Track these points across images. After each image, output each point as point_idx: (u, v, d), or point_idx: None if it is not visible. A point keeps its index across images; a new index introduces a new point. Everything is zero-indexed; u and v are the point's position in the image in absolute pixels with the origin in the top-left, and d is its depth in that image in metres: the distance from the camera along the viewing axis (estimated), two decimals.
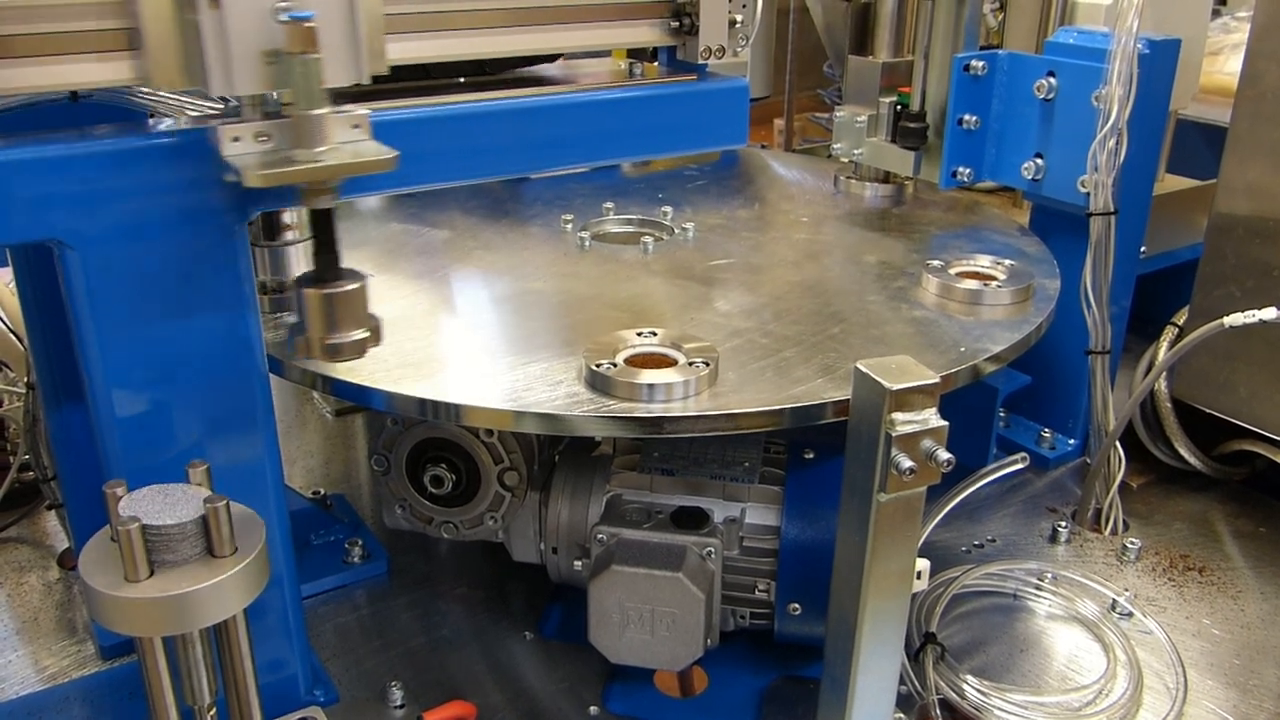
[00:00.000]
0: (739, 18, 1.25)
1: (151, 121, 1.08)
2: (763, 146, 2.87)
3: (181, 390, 1.09)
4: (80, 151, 0.98)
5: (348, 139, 0.99)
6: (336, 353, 1.06)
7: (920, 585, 1.11)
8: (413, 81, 1.16)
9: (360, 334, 1.07)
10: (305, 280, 1.06)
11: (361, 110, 1.00)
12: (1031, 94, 1.70)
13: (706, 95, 1.27)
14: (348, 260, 1.45)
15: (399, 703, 1.35)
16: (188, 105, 1.14)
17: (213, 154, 1.00)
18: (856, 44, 1.94)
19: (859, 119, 1.93)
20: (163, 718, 1.00)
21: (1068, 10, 1.90)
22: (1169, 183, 2.15)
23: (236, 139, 0.99)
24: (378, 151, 0.98)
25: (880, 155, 1.92)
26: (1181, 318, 1.78)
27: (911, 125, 1.84)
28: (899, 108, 1.88)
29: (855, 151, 1.95)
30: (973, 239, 1.76)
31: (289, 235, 1.39)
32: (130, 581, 0.92)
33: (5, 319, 1.62)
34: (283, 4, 0.93)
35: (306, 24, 0.92)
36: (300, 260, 1.41)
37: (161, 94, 1.15)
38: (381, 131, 1.03)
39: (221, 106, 1.10)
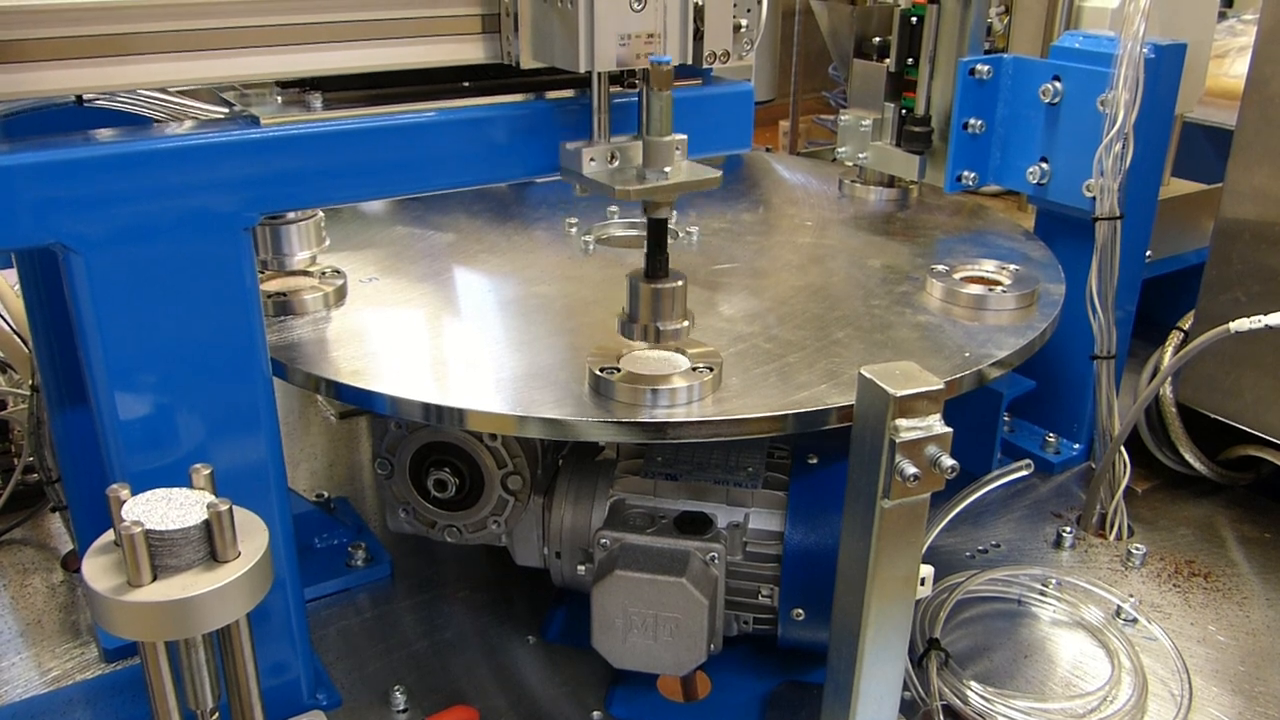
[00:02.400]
0: (744, 22, 1.25)
1: (156, 126, 1.08)
2: (767, 150, 2.86)
3: (185, 394, 1.09)
4: (84, 156, 0.98)
5: (678, 159, 1.17)
6: (662, 337, 1.24)
7: (924, 591, 1.11)
8: (416, 86, 1.16)
9: (681, 323, 1.25)
10: (639, 276, 1.24)
11: (681, 137, 1.17)
12: (1037, 98, 1.70)
13: (711, 100, 1.27)
14: (353, 263, 1.45)
15: (402, 707, 1.35)
16: (189, 109, 1.14)
17: (566, 171, 1.18)
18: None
19: (864, 123, 1.93)
20: None
21: (1073, 14, 1.89)
22: (1175, 187, 2.14)
23: (593, 160, 1.17)
24: (704, 171, 1.18)
25: (885, 159, 1.92)
26: (1187, 322, 1.78)
27: (916, 129, 1.84)
28: (904, 112, 1.88)
29: (860, 155, 1.95)
30: (978, 243, 1.76)
31: (289, 214, 1.39)
32: (133, 586, 0.92)
33: (10, 321, 1.63)
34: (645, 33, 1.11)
35: (665, 67, 1.09)
36: (300, 239, 1.42)
37: (164, 98, 1.15)
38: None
39: (225, 112, 1.11)
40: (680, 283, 1.23)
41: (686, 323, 1.25)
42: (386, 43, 1.10)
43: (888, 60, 1.88)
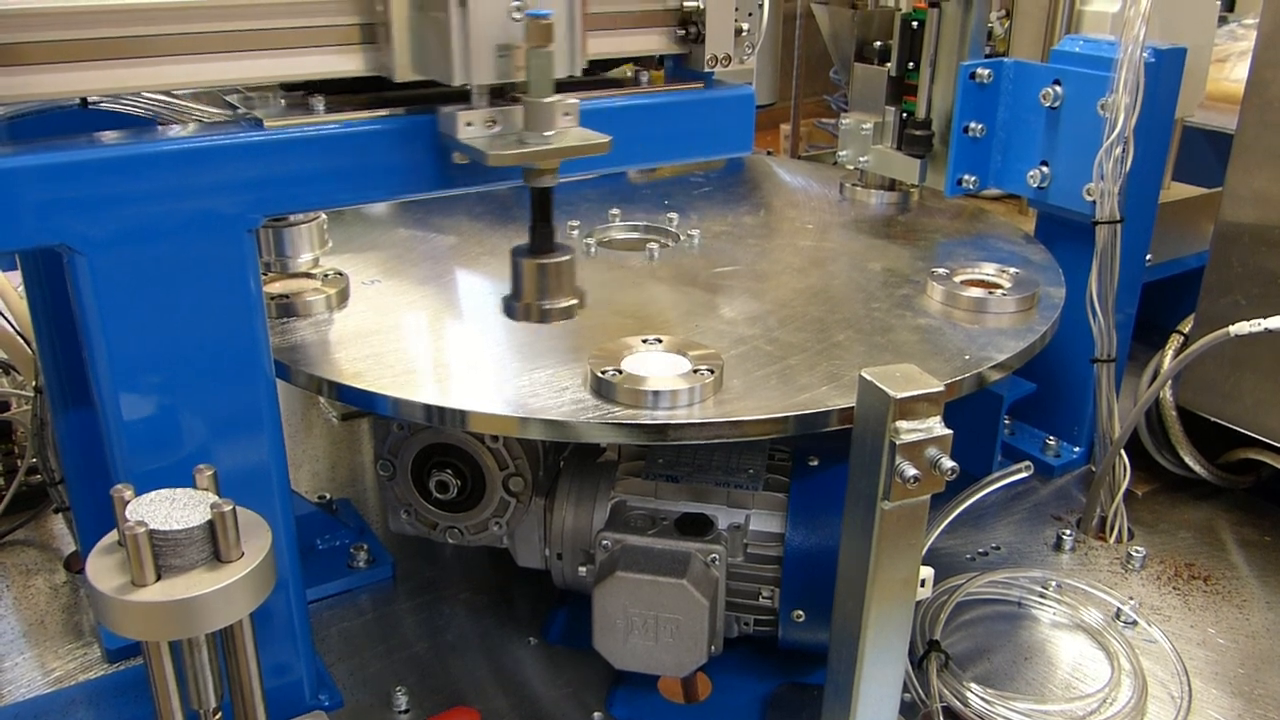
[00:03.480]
0: (745, 26, 1.26)
1: (160, 128, 1.08)
2: (768, 153, 2.87)
3: (189, 395, 1.10)
4: (89, 157, 0.99)
5: (564, 125, 1.08)
6: (549, 316, 1.16)
7: (924, 593, 1.11)
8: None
9: (569, 301, 1.17)
10: (522, 251, 1.15)
11: (573, 99, 1.08)
12: (1037, 102, 1.70)
13: (713, 103, 1.28)
14: (355, 265, 1.45)
15: (404, 707, 1.35)
16: (193, 111, 1.14)
17: (437, 139, 1.10)
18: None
19: (865, 126, 1.93)
20: None
21: (1074, 18, 1.90)
22: (1175, 190, 2.14)
23: (470, 124, 1.07)
24: (592, 137, 1.08)
25: (886, 163, 1.93)
26: (1187, 326, 1.78)
27: (917, 133, 1.84)
28: (905, 116, 1.88)
29: (861, 159, 1.95)
30: (978, 247, 1.76)
31: (292, 217, 1.40)
32: (137, 586, 0.92)
33: (14, 323, 1.63)
34: (516, 3, 1.03)
35: (544, 21, 1.02)
36: (303, 241, 1.43)
37: (168, 100, 1.15)
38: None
39: (229, 113, 1.11)
40: (567, 257, 1.17)
41: (574, 301, 1.18)
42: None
43: (888, 64, 1.89)
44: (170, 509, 0.95)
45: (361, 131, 1.09)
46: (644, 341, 1.30)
